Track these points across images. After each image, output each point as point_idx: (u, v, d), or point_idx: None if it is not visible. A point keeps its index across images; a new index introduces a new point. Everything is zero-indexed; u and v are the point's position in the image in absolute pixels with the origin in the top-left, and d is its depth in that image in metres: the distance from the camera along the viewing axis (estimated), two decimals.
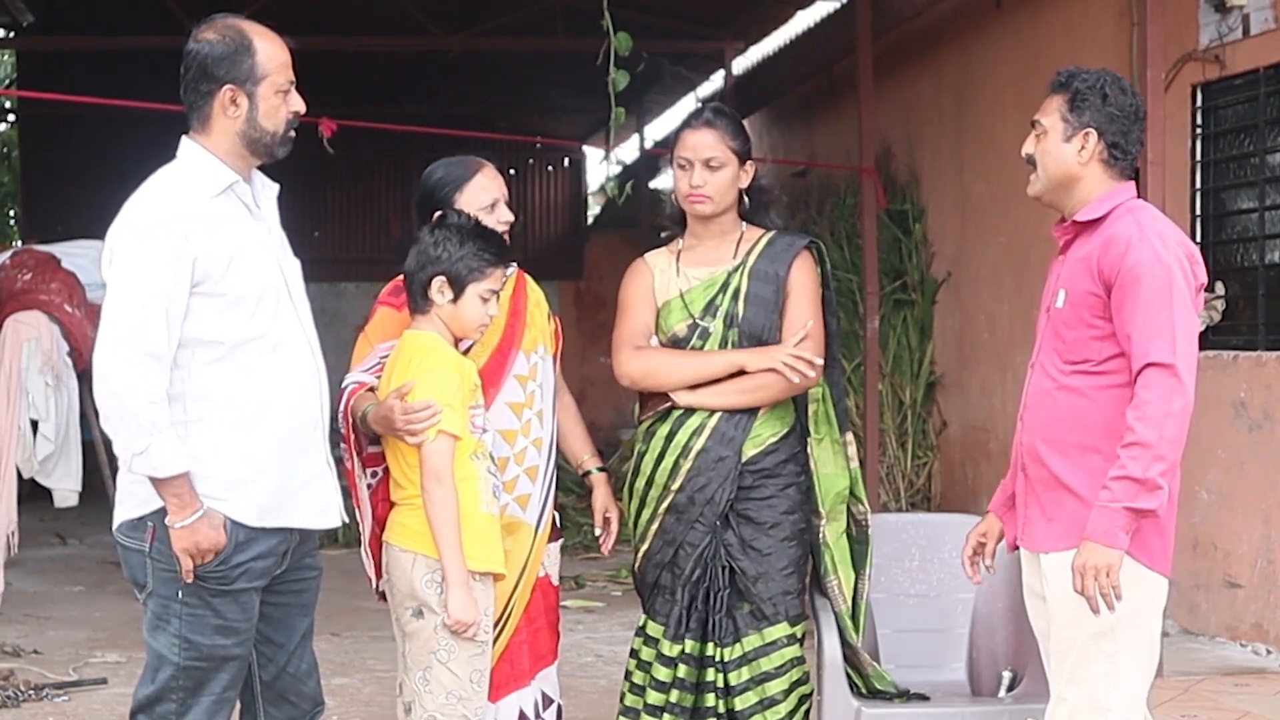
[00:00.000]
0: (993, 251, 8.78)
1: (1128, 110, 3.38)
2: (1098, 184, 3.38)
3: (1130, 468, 3.13)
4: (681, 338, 3.96)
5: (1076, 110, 3.37)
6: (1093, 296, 3.30)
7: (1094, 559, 3.16)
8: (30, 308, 7.45)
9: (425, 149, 7.27)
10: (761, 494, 3.90)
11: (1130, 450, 3.14)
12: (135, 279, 3.15)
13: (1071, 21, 7.85)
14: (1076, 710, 3.33)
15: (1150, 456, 3.13)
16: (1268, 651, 6.35)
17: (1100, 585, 3.16)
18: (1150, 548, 3.29)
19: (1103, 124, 3.36)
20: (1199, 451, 6.75)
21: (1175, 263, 3.24)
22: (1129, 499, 3.13)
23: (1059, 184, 3.41)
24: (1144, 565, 3.28)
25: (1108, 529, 3.15)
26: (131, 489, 3.25)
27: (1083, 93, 3.37)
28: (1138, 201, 3.39)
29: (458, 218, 3.60)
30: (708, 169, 3.92)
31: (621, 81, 4.97)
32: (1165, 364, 3.16)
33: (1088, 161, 3.37)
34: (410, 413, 3.44)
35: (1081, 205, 3.39)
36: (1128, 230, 3.27)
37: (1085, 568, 3.17)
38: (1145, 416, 3.14)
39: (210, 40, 3.26)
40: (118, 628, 7.23)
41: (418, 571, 3.52)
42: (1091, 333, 3.31)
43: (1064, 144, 3.38)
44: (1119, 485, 3.14)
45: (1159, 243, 3.24)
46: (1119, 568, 3.16)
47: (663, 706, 3.89)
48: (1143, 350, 3.18)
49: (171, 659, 3.26)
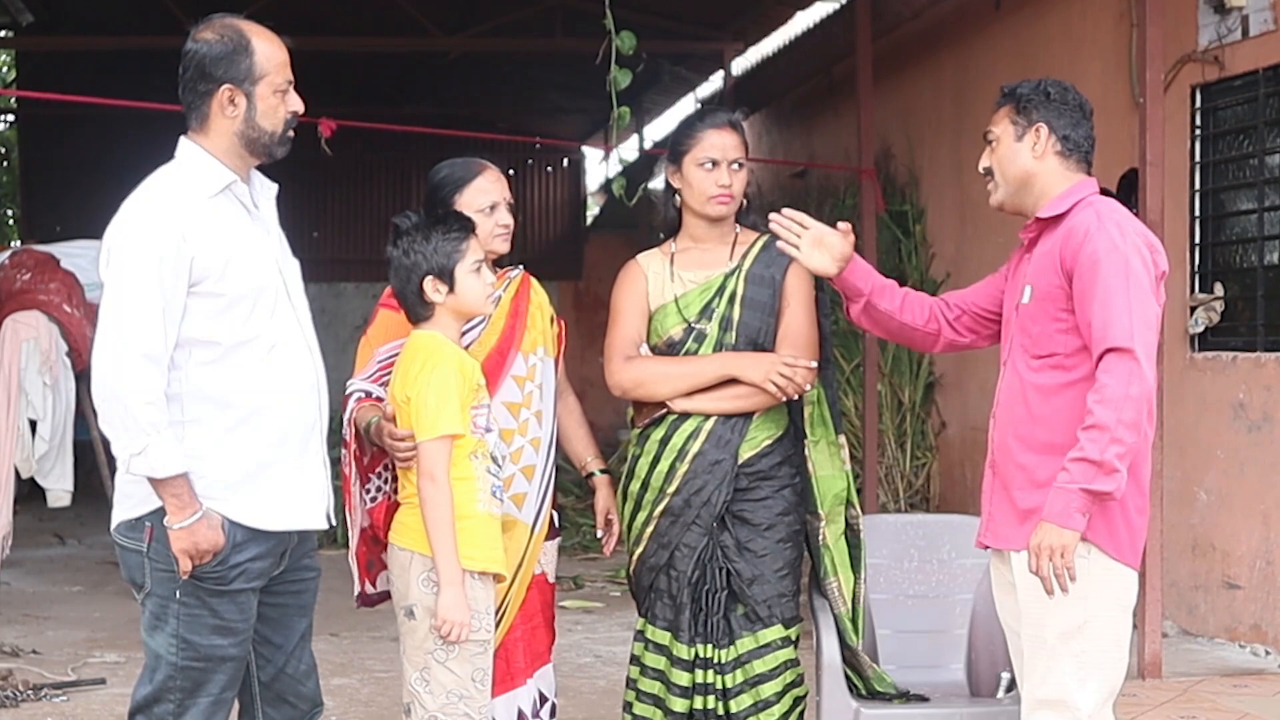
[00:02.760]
0: (992, 252, 8.77)
1: (1073, 105, 3.45)
2: (1057, 178, 3.43)
3: (1088, 450, 3.16)
4: (676, 341, 3.96)
5: (1024, 111, 3.45)
6: (1057, 289, 3.34)
7: (1049, 539, 3.20)
8: (29, 308, 7.45)
9: (425, 150, 7.29)
10: (757, 495, 3.90)
11: (1088, 433, 3.17)
12: (133, 279, 3.15)
13: (1070, 23, 7.85)
14: (1048, 712, 3.34)
15: (1107, 439, 3.15)
16: (1266, 653, 6.35)
17: (1055, 566, 3.20)
18: (1118, 540, 3.32)
19: (1051, 118, 3.43)
20: (1198, 452, 6.76)
21: (1133, 250, 3.27)
22: (1085, 480, 3.16)
23: (1019, 185, 3.47)
24: (1111, 557, 3.31)
25: (1064, 510, 3.18)
26: (129, 489, 3.25)
27: (1027, 95, 3.45)
28: (1099, 197, 3.42)
29: (407, 221, 3.60)
30: (732, 169, 3.93)
31: (623, 80, 4.96)
32: (1124, 349, 3.19)
33: (1043, 155, 3.43)
34: (395, 438, 3.53)
35: (1044, 202, 3.44)
36: (1086, 220, 3.32)
37: (1040, 548, 3.21)
38: (1104, 399, 3.17)
39: (208, 40, 3.26)
40: (116, 628, 7.23)
41: (414, 570, 3.52)
42: (1057, 325, 3.34)
43: (1017, 144, 3.45)
44: (1076, 467, 3.18)
45: (1116, 231, 3.28)
46: (1074, 549, 3.19)
47: (688, 714, 3.88)
48: (1102, 336, 3.22)
49: (169, 659, 3.25)
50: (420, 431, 3.48)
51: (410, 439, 3.50)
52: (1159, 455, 5.96)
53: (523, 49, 13.10)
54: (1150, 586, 5.95)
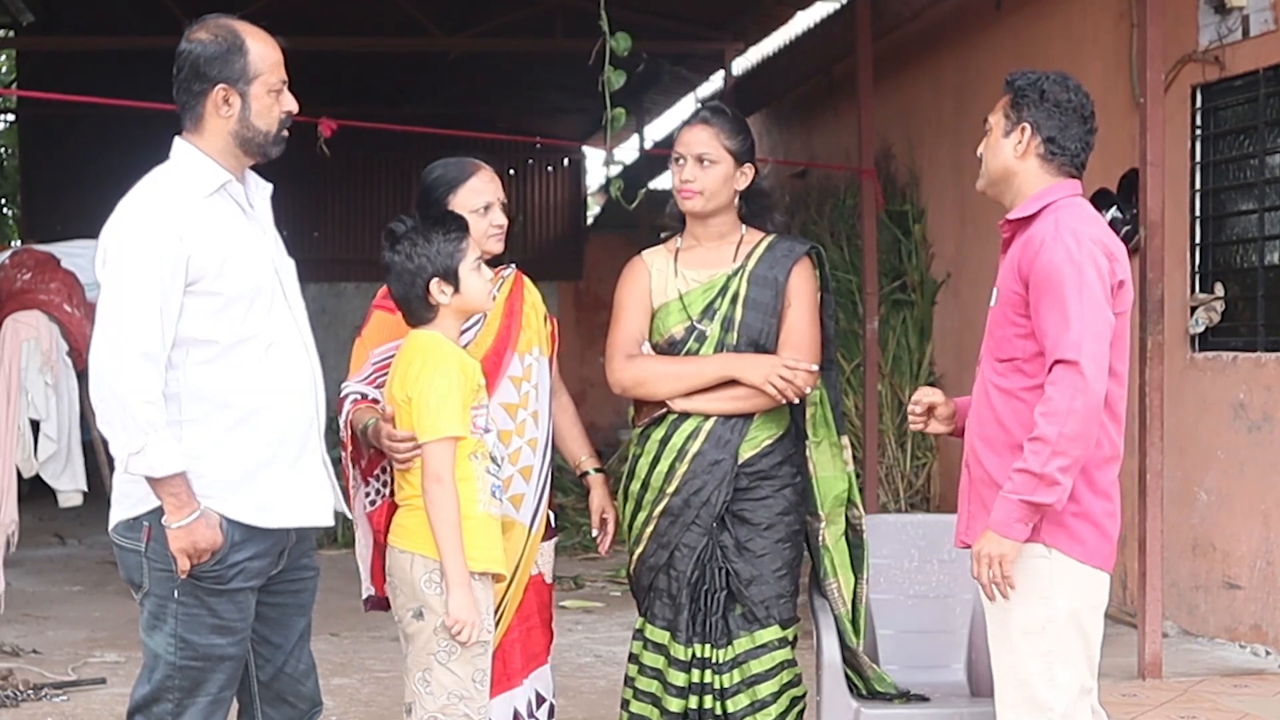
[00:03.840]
0: (992, 252, 8.72)
1: (1067, 107, 3.42)
2: (1033, 180, 3.43)
3: (1030, 461, 3.19)
4: (678, 340, 3.96)
5: (1016, 106, 3.45)
6: (1015, 295, 3.35)
7: (989, 547, 3.25)
8: (30, 307, 7.45)
9: (425, 149, 7.26)
10: (757, 495, 3.90)
11: (1032, 444, 3.20)
12: (130, 279, 3.15)
13: (1071, 23, 7.85)
14: (1019, 711, 3.35)
15: (1049, 452, 3.17)
16: (1267, 653, 6.35)
17: (994, 573, 3.25)
18: (1084, 542, 3.33)
19: (1039, 119, 3.42)
20: (1199, 452, 6.76)
21: (1088, 260, 3.26)
22: (1026, 492, 3.20)
23: (998, 178, 3.49)
24: (1075, 560, 3.32)
25: (1004, 519, 3.23)
26: (127, 489, 3.25)
27: (1023, 89, 3.45)
28: (1069, 200, 3.41)
29: (403, 225, 3.59)
30: (699, 165, 3.93)
31: (617, 81, 4.96)
32: (1070, 360, 3.20)
33: (1023, 156, 3.43)
34: (395, 439, 3.52)
35: (1018, 201, 3.45)
36: (1044, 229, 3.32)
37: (980, 555, 3.27)
38: (1048, 412, 3.20)
39: (202, 40, 3.26)
40: (117, 628, 7.23)
41: (416, 571, 3.52)
42: (1015, 330, 3.36)
43: (1004, 139, 3.46)
44: (1019, 478, 3.21)
45: (1072, 241, 3.28)
46: (1013, 558, 3.24)
47: (683, 714, 3.88)
48: (1052, 347, 3.24)
49: (167, 659, 3.25)
50: (423, 433, 3.47)
51: (410, 440, 3.50)
52: (1159, 455, 5.96)
53: (523, 49, 13.10)
54: (1150, 586, 5.95)
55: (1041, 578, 3.28)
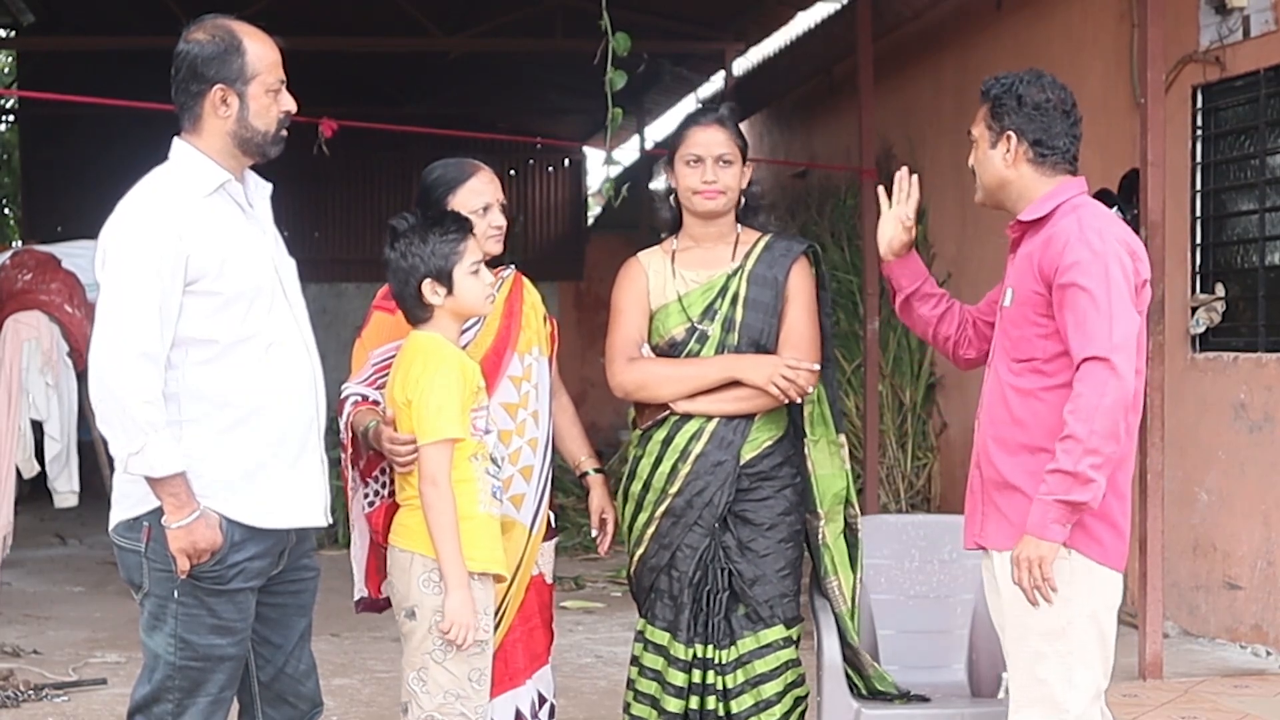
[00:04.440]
0: (993, 252, 8.77)
1: (1046, 106, 3.41)
2: (1031, 184, 3.43)
3: (1063, 461, 3.18)
4: (679, 341, 3.95)
5: (996, 115, 3.44)
6: (1036, 295, 3.34)
7: (1028, 550, 3.24)
8: (30, 308, 7.45)
9: (425, 150, 7.26)
10: (759, 495, 3.90)
11: (1064, 444, 3.19)
12: (129, 279, 3.15)
13: (1071, 23, 7.85)
14: (1035, 712, 3.35)
15: (1081, 450, 3.16)
16: (1267, 653, 6.35)
17: (1034, 578, 3.23)
18: (1102, 543, 3.32)
19: (1021, 124, 3.41)
20: (1199, 452, 6.76)
21: (1114, 258, 3.26)
22: (1062, 492, 3.19)
23: (994, 189, 3.48)
24: (1094, 561, 3.32)
25: (1041, 522, 3.21)
26: (127, 489, 3.25)
27: (999, 97, 3.44)
28: (1083, 199, 3.41)
29: (404, 223, 3.59)
30: (719, 164, 3.93)
31: (619, 81, 4.96)
32: (1100, 357, 3.19)
33: (1013, 164, 3.43)
34: (395, 442, 3.52)
35: (1023, 205, 3.44)
36: (1067, 228, 3.31)
37: (1020, 559, 3.25)
38: (1078, 410, 3.19)
39: (200, 40, 3.26)
40: (117, 628, 7.23)
41: (415, 571, 3.52)
42: (1037, 330, 3.35)
43: (991, 150, 3.46)
44: (1053, 479, 3.20)
45: (1096, 239, 3.27)
46: (1052, 560, 3.23)
47: (683, 715, 3.88)
48: (1080, 345, 3.23)
49: (167, 659, 3.25)
50: (422, 435, 3.47)
51: (411, 443, 3.49)
52: (1159, 455, 5.96)
53: (523, 49, 13.10)
54: (1151, 587, 5.95)
55: (1062, 579, 3.27)
